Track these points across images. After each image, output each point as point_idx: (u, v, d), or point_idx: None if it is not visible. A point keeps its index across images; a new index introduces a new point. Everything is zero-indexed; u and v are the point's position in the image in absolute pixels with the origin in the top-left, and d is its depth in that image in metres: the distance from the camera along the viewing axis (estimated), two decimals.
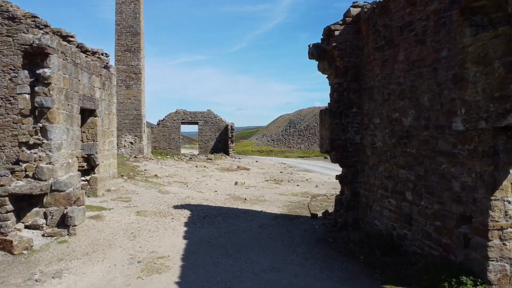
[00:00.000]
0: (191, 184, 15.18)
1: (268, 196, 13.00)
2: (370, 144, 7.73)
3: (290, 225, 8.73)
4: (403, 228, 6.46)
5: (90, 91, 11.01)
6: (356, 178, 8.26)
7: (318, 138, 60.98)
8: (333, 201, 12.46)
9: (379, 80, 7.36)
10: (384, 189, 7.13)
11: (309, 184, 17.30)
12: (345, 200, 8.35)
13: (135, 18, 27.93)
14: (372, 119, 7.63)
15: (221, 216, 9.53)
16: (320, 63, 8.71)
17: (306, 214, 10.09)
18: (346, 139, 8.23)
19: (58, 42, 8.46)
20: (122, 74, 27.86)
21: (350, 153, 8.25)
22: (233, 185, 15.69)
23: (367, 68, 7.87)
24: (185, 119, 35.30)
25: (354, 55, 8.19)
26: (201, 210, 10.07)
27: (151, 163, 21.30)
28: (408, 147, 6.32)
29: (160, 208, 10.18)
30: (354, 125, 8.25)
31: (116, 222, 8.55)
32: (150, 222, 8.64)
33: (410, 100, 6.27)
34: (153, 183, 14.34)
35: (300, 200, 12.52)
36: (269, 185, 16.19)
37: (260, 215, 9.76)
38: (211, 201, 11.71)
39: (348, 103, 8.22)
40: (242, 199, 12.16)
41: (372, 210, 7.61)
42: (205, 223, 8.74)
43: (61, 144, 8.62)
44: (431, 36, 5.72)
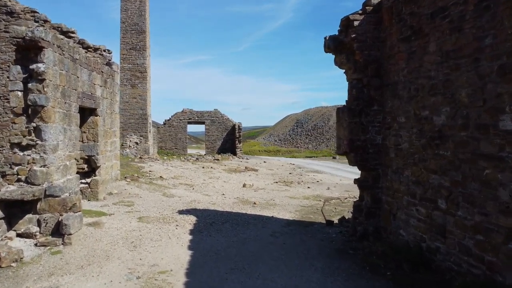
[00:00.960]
0: (197, 187, 14.52)
1: (279, 200, 12.30)
2: (393, 145, 7.00)
3: (304, 233, 8.03)
4: (435, 240, 5.72)
5: (90, 89, 10.39)
6: (377, 183, 7.53)
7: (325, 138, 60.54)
8: (348, 205, 11.77)
9: (404, 74, 6.63)
10: (411, 196, 6.40)
11: (320, 186, 16.57)
12: (365, 207, 7.62)
13: (140, 16, 27.40)
14: (396, 117, 6.90)
15: (229, 222, 8.85)
16: (337, 57, 8.00)
17: (320, 220, 9.37)
18: (366, 140, 7.51)
19: (53, 35, 7.83)
20: (127, 73, 27.36)
21: (371, 155, 7.53)
22: (241, 188, 15.01)
23: (390, 62, 7.14)
24: (192, 119, 34.71)
25: (375, 48, 7.46)
26: (208, 216, 9.40)
27: (157, 164, 20.69)
28: (441, 149, 5.59)
29: (164, 213, 9.52)
30: (375, 125, 7.52)
31: (116, 229, 7.91)
32: (152, 230, 7.99)
33: (443, 96, 5.54)
34: (158, 186, 13.71)
35: (313, 204, 11.81)
36: (278, 187, 15.50)
37: (271, 222, 9.07)
38: (218, 205, 11.03)
39: (368, 100, 7.49)
40: (251, 203, 11.47)
41: (396, 219, 6.88)
42: (212, 231, 8.07)
43: (57, 145, 8.00)
44: (470, 22, 4.98)
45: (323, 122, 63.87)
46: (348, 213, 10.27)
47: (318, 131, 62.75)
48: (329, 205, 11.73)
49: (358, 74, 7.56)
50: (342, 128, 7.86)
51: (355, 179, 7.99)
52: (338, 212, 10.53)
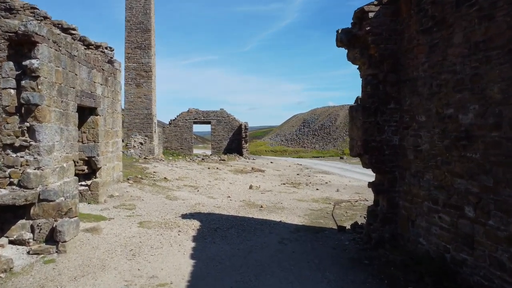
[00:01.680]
0: (202, 189, 14.05)
1: (287, 203, 11.79)
2: (412, 146, 6.46)
3: (315, 240, 7.52)
4: (461, 251, 5.19)
5: (90, 87, 9.96)
6: (394, 187, 7.00)
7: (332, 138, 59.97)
8: (359, 209, 11.23)
9: (425, 69, 6.09)
10: (432, 202, 5.86)
11: (329, 188, 16.03)
12: (380, 212, 7.09)
13: (145, 14, 27.01)
14: (415, 116, 6.37)
15: (235, 228, 8.36)
16: (350, 52, 7.48)
17: (331, 226, 8.85)
18: (382, 141, 6.98)
19: (49, 30, 7.39)
20: (132, 72, 27.00)
21: (387, 156, 7.00)
22: (247, 189, 14.52)
23: (408, 56, 6.61)
24: (198, 119, 34.30)
25: (391, 41, 6.93)
26: (213, 221, 8.92)
27: (161, 164, 20.27)
28: (468, 151, 5.05)
29: (166, 217, 9.06)
30: (391, 124, 6.99)
31: (114, 235, 7.45)
32: (153, 236, 7.52)
33: (471, 92, 5.00)
34: (161, 188, 13.25)
35: (322, 207, 11.28)
36: (286, 189, 14.98)
37: (279, 227, 8.56)
38: (223, 209, 10.55)
39: (384, 98, 6.96)
40: (258, 207, 10.97)
41: (416, 226, 6.34)
42: (217, 237, 7.58)
43: (53, 146, 7.56)
44: (504, 9, 4.44)
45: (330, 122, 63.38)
46: (361, 217, 9.74)
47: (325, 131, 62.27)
48: (339, 208, 11.19)
49: (373, 69, 7.03)
50: (355, 128, 7.34)
51: (369, 183, 7.47)
52: (350, 216, 10.00)
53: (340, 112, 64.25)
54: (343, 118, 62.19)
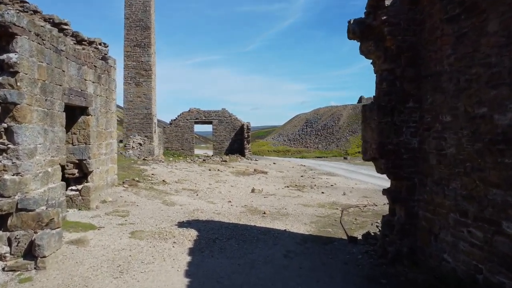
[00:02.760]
0: (201, 192, 13.33)
1: (291, 208, 11.06)
2: (435, 150, 5.73)
3: (324, 253, 6.79)
4: (496, 273, 4.45)
5: (80, 85, 9.26)
6: (413, 195, 6.26)
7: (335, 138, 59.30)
8: (369, 215, 10.50)
9: (450, 62, 5.35)
10: (460, 214, 5.13)
11: (335, 191, 15.30)
12: (397, 223, 6.36)
13: (145, 12, 26.34)
14: (439, 116, 5.63)
15: (236, 238, 7.64)
16: (363, 44, 6.74)
17: (340, 235, 8.12)
18: (399, 143, 6.24)
19: (30, 21, 6.69)
20: (132, 70, 26.34)
21: (405, 161, 6.26)
22: (249, 193, 13.80)
23: (429, 48, 5.87)
24: (199, 119, 33.60)
25: (410, 32, 6.19)
26: (211, 229, 8.20)
27: (161, 166, 19.57)
28: (507, 157, 4.31)
29: (161, 226, 8.34)
30: (410, 125, 6.25)
31: (102, 248, 6.74)
32: (145, 249, 6.81)
33: (510, 87, 4.27)
34: (158, 192, 12.54)
35: (329, 213, 10.55)
36: (290, 193, 14.25)
37: (284, 237, 7.84)
38: (223, 215, 9.83)
39: (402, 95, 6.23)
40: (261, 213, 10.25)
41: (439, 240, 5.61)
42: (215, 250, 6.87)
43: (35, 149, 6.87)
44: None
45: (333, 121, 62.82)
46: (372, 225, 9.01)
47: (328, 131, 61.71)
48: (347, 215, 10.46)
49: (390, 64, 6.30)
50: (369, 129, 6.60)
51: (384, 190, 6.73)
52: (360, 224, 9.27)
53: (343, 112, 63.64)
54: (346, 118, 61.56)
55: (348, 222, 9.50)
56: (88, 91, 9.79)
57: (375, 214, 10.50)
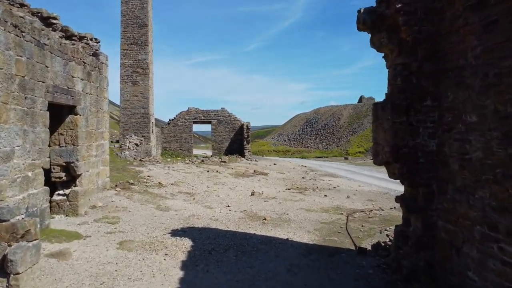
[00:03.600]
0: (198, 196, 12.68)
1: (293, 214, 10.42)
2: (457, 153, 5.09)
3: (331, 267, 6.15)
4: None
5: (67, 82, 8.61)
6: (431, 203, 5.62)
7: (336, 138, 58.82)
8: (376, 221, 9.85)
9: (476, 55, 4.71)
10: (489, 227, 4.48)
11: (338, 193, 14.66)
12: (413, 235, 5.72)
13: (142, 9, 25.69)
14: (462, 115, 4.99)
15: (234, 249, 7.00)
16: (374, 36, 6.10)
17: (347, 245, 7.49)
18: (415, 146, 5.60)
19: (5, 11, 6.05)
20: (128, 69, 25.70)
21: (422, 166, 5.62)
22: (249, 196, 13.16)
23: (450, 40, 5.23)
24: (198, 118, 32.95)
25: (428, 22, 5.55)
26: (207, 239, 7.56)
27: (157, 167, 18.93)
28: None
29: (152, 235, 7.70)
30: (427, 125, 5.61)
31: (86, 261, 6.10)
32: (133, 262, 6.16)
33: None
34: (153, 196, 11.89)
35: (334, 219, 9.91)
36: (292, 196, 13.61)
37: (286, 247, 7.20)
38: (221, 222, 9.19)
39: (418, 92, 5.59)
40: (261, 219, 9.61)
41: (462, 255, 4.97)
42: (211, 263, 6.22)
43: (12, 152, 6.23)
44: None
45: (333, 121, 62.45)
46: (381, 233, 8.37)
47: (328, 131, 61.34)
48: (353, 220, 9.82)
49: (405, 57, 5.66)
50: (381, 130, 5.96)
51: (397, 197, 6.10)
52: (367, 231, 8.63)
53: (343, 111, 63.26)
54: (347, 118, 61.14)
55: (355, 229, 8.86)
56: (76, 89, 9.14)
57: (383, 220, 9.87)
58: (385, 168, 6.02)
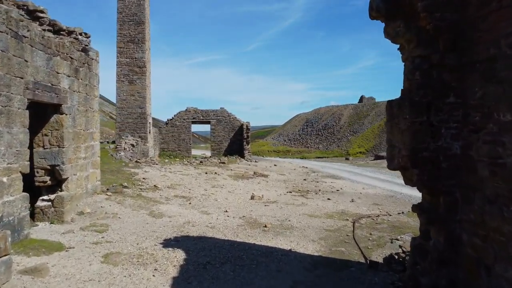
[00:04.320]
0: (195, 200, 12.01)
1: (296, 220, 9.75)
2: (487, 157, 4.42)
3: (340, 285, 5.47)
4: None
5: (50, 79, 7.95)
6: (454, 214, 4.95)
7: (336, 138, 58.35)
8: (385, 229, 9.17)
9: (510, 43, 4.05)
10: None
11: (342, 197, 14.00)
12: (434, 249, 5.05)
13: (139, 6, 25.02)
14: (493, 113, 4.32)
15: (231, 262, 6.33)
16: (389, 25, 5.43)
17: (356, 257, 6.82)
18: (437, 149, 4.93)
19: None
20: (125, 67, 25.04)
21: (444, 171, 4.94)
22: (248, 200, 12.49)
23: (479, 27, 4.56)
24: (196, 118, 32.27)
25: (451, 8, 4.87)
26: (202, 250, 6.89)
27: (153, 169, 18.26)
28: None
29: (142, 246, 7.02)
30: (450, 125, 4.94)
31: (64, 279, 5.43)
32: (118, 279, 5.49)
33: None
34: (146, 200, 11.21)
35: (339, 226, 9.24)
36: (293, 200, 12.94)
37: (289, 260, 6.53)
38: (218, 230, 8.52)
39: (440, 88, 4.92)
40: (261, 226, 8.94)
41: (494, 275, 4.30)
42: (205, 280, 5.55)
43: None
44: None
45: (333, 121, 62.06)
46: (392, 244, 7.69)
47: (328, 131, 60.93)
48: (360, 227, 9.15)
49: (424, 48, 4.99)
50: (397, 131, 5.29)
51: (414, 206, 5.42)
52: (376, 240, 7.96)
53: (344, 111, 62.87)
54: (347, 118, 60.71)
55: (363, 237, 8.19)
56: (62, 86, 8.47)
57: (392, 227, 9.20)
58: (401, 174, 5.35)
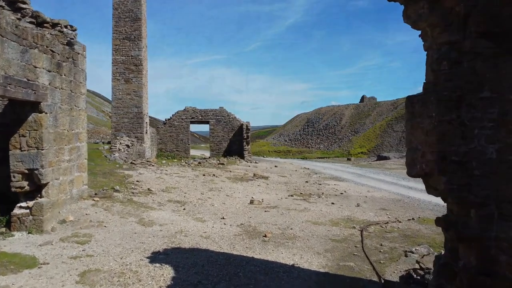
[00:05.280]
0: (190, 205, 11.23)
1: (298, 228, 8.97)
2: None
3: None
4: None
5: (26, 73, 7.17)
6: (489, 230, 4.16)
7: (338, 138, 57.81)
8: (396, 238, 8.37)
9: None
10: None
11: (346, 200, 13.22)
12: (465, 271, 4.26)
13: (135, 2, 24.24)
14: None
15: (226, 281, 5.54)
16: (410, 7, 4.65)
17: (368, 275, 6.03)
18: (468, 153, 4.14)
19: None
20: (121, 66, 24.26)
21: (477, 179, 4.16)
22: (247, 205, 11.71)
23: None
24: (195, 118, 31.47)
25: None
26: (194, 266, 6.11)
27: (149, 171, 17.49)
28: None
29: (126, 261, 6.24)
30: (485, 124, 4.15)
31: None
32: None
33: None
34: (137, 206, 10.42)
35: (346, 235, 8.46)
36: (295, 204, 12.16)
37: (291, 278, 5.74)
38: (213, 240, 7.74)
39: (472, 81, 4.13)
40: (261, 235, 8.16)
41: None
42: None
43: None
44: None
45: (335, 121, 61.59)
46: (407, 256, 6.90)
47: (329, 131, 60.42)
48: (369, 237, 8.37)
49: (452, 34, 4.21)
50: (420, 131, 4.50)
51: (439, 219, 4.63)
52: (388, 253, 7.17)
53: (345, 111, 62.38)
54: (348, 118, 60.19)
55: (373, 249, 7.41)
56: (41, 82, 7.70)
57: (404, 236, 8.42)
58: (424, 182, 4.57)
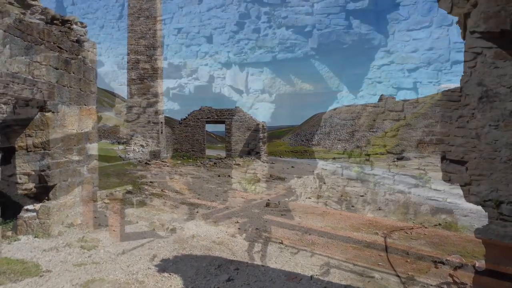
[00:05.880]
0: (204, 208, 10.82)
1: (317, 233, 8.45)
2: None
3: None
4: None
5: (30, 70, 6.85)
6: None
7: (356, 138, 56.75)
8: (423, 245, 7.77)
9: None
10: None
11: (366, 204, 12.61)
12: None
13: (150, 1, 24.03)
14: None
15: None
16: None
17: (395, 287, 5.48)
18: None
19: None
20: (136, 65, 24.08)
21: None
22: (263, 208, 11.24)
23: None
24: (211, 118, 31.12)
25: None
26: (204, 276, 5.66)
27: (163, 171, 17.20)
28: None
29: (133, 269, 5.83)
30: None
31: None
32: None
33: None
34: (148, 208, 10.06)
35: (368, 241, 7.91)
36: (313, 208, 11.63)
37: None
38: (226, 246, 7.28)
39: None
40: (277, 242, 7.68)
41: None
42: None
43: None
44: None
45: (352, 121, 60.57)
46: (438, 268, 6.32)
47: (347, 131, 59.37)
48: (393, 244, 7.79)
49: None
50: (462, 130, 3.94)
51: (479, 230, 4.07)
52: (417, 264, 6.60)
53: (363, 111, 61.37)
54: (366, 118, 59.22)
55: (398, 259, 6.84)
56: (47, 80, 7.37)
57: (431, 244, 7.82)
58: (462, 189, 4.01)
